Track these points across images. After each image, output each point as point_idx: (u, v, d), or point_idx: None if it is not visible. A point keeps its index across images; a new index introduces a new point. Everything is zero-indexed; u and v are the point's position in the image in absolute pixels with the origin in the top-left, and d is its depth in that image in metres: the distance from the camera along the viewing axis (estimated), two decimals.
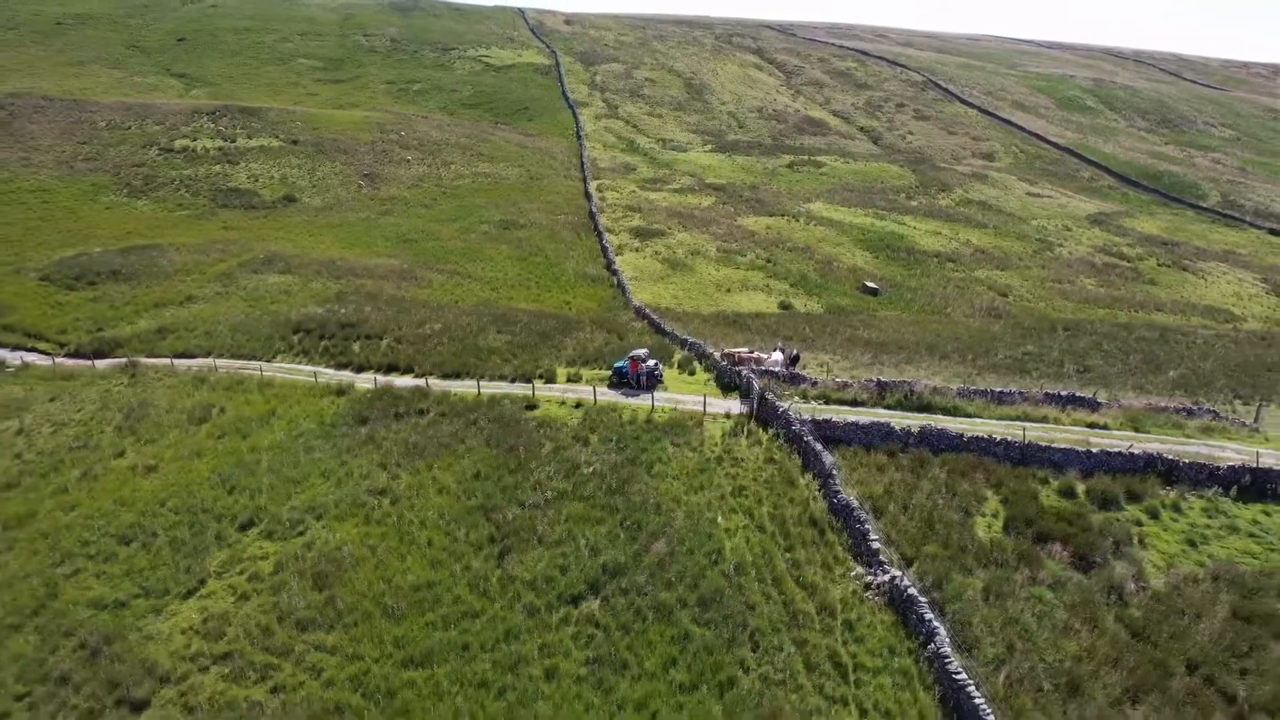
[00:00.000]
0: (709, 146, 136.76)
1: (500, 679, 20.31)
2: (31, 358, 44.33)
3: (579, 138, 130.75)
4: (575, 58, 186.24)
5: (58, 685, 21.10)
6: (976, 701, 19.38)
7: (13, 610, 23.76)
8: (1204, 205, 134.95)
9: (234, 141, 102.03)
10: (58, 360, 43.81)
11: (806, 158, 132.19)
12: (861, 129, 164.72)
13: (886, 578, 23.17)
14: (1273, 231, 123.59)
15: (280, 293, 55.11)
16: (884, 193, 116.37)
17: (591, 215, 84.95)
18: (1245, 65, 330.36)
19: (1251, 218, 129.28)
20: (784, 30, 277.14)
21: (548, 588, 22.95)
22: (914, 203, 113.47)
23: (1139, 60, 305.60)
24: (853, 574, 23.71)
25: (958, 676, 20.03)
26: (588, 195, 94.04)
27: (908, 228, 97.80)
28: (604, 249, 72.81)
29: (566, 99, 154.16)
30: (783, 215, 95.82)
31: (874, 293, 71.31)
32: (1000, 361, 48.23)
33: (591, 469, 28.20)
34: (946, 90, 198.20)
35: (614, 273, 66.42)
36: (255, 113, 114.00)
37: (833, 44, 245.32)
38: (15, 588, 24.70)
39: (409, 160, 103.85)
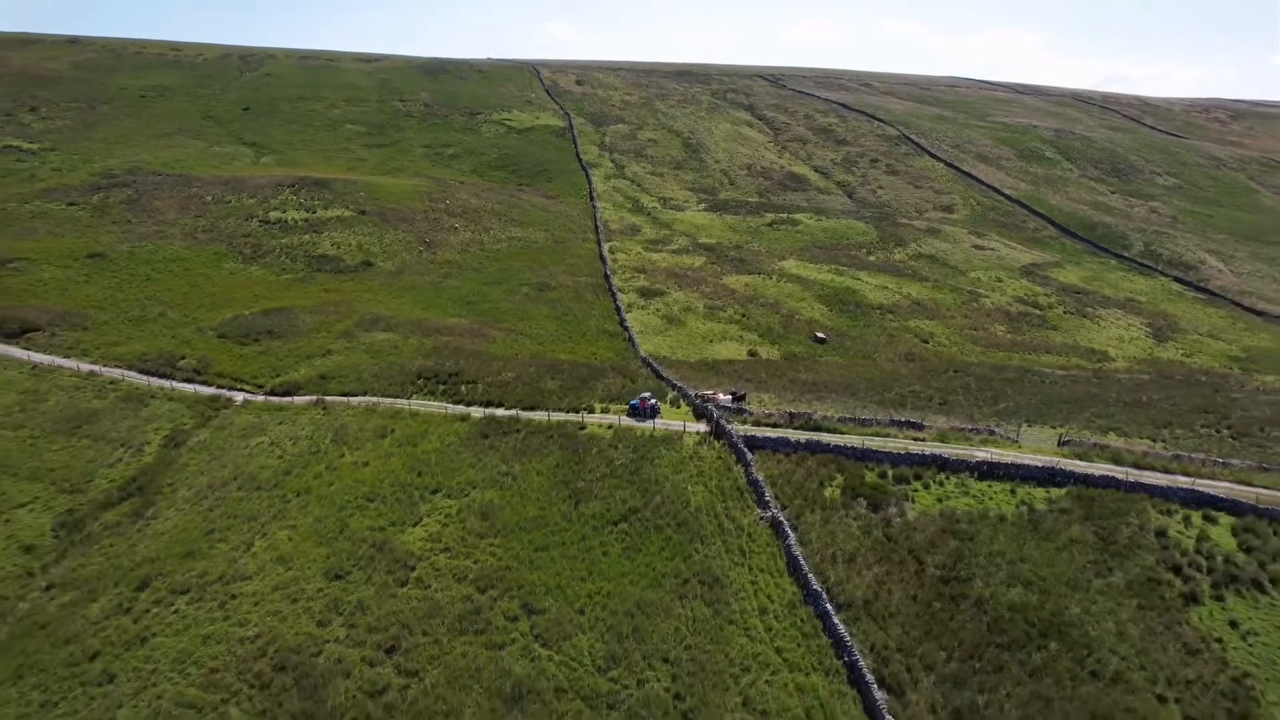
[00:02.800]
0: (703, 205, 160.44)
1: (581, 555, 43.27)
2: (247, 395, 67.29)
3: (592, 198, 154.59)
4: (586, 119, 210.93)
5: (367, 562, 43.89)
6: (802, 564, 42.19)
7: (328, 532, 46.56)
8: (1127, 255, 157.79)
9: (315, 213, 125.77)
10: (266, 397, 66.79)
11: (785, 216, 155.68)
12: (838, 184, 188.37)
13: (770, 514, 46.06)
14: (1178, 279, 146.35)
15: (390, 347, 78.18)
16: (847, 249, 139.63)
17: (606, 277, 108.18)
18: (1206, 109, 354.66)
19: (1164, 266, 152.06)
20: (774, 80, 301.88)
21: (601, 518, 45.97)
22: (872, 258, 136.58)
23: (1105, 106, 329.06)
24: (755, 513, 46.57)
25: (797, 554, 42.84)
26: (602, 258, 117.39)
27: (861, 282, 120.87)
28: (617, 308, 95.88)
29: (580, 160, 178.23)
30: (759, 273, 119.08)
31: (822, 341, 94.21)
32: (890, 397, 71.05)
33: (620, 462, 51.25)
34: (918, 144, 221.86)
35: (625, 328, 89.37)
36: (326, 184, 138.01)
37: (819, 97, 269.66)
38: (323, 522, 47.54)
39: (456, 227, 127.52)
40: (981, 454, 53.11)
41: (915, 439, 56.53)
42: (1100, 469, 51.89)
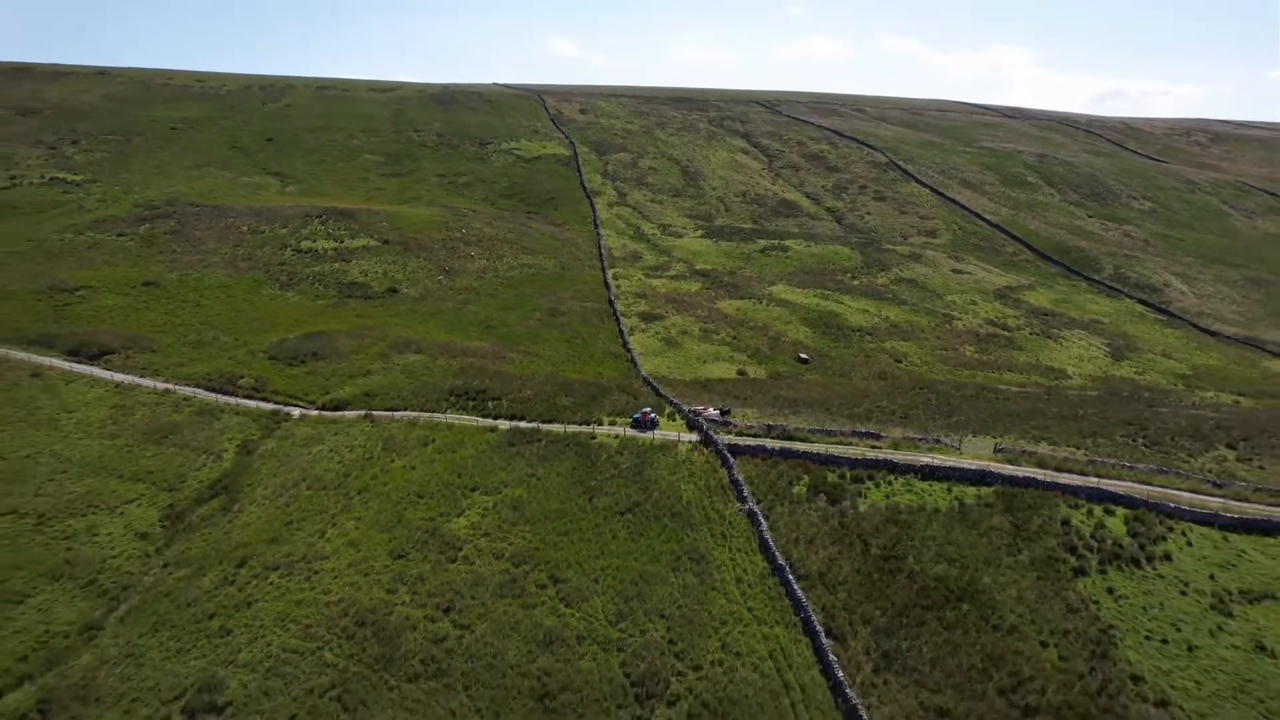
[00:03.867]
0: (700, 232, 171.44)
1: (595, 539, 53.89)
2: (303, 410, 77.88)
3: (596, 226, 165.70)
4: (590, 147, 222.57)
5: (422, 545, 54.40)
6: (771, 545, 52.76)
7: (387, 522, 57.12)
8: (1097, 278, 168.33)
9: (342, 242, 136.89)
10: (319, 412, 77.40)
11: (777, 242, 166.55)
12: (829, 209, 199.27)
13: (748, 506, 56.68)
14: (1141, 301, 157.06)
15: (422, 368, 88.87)
16: (833, 274, 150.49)
17: (610, 303, 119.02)
18: (1188, 132, 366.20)
19: (1130, 289, 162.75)
20: (770, 106, 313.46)
21: (610, 510, 56.65)
22: (856, 282, 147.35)
23: (1090, 130, 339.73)
24: (735, 506, 57.18)
25: (767, 538, 53.41)
26: (606, 284, 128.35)
27: (844, 306, 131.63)
28: (620, 331, 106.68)
29: (584, 189, 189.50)
30: (751, 298, 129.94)
31: (805, 362, 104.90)
32: (859, 411, 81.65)
33: (625, 465, 61.94)
34: (905, 171, 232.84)
35: (628, 350, 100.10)
36: (351, 215, 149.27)
37: (812, 123, 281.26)
38: (382, 514, 58.12)
39: (472, 255, 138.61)
40: (926, 459, 63.71)
41: (873, 447, 67.14)
42: (1025, 471, 62.43)
